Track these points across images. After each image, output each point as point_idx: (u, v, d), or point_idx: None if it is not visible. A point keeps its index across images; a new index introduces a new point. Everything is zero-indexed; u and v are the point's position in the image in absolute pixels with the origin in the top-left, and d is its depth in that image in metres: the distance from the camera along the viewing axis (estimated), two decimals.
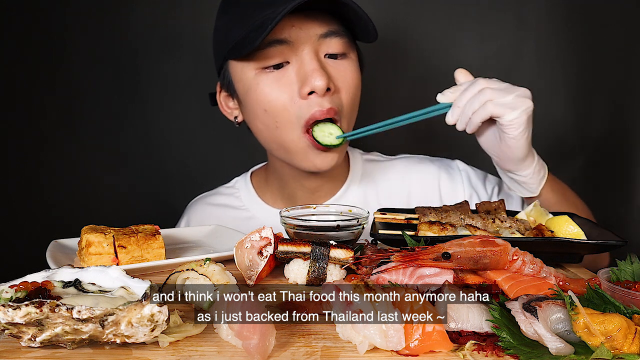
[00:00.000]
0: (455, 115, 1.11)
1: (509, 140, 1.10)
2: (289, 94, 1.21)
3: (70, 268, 0.76)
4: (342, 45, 1.24)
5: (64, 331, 0.64)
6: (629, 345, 0.63)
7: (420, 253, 0.85)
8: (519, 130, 1.08)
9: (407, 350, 0.65)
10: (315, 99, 1.20)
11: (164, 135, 2.01)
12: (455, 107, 1.11)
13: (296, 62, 1.21)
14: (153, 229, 1.04)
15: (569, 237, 1.02)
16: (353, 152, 1.51)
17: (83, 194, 2.01)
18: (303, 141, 1.24)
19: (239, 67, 1.25)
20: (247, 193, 1.52)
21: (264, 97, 1.22)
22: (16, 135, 1.98)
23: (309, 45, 1.20)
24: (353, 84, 1.27)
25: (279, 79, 1.21)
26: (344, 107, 1.25)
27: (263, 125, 1.27)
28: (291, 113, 1.22)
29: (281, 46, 1.19)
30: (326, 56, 1.23)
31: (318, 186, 1.42)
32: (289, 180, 1.42)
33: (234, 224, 1.42)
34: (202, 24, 1.93)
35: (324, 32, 1.21)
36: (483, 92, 1.07)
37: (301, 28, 1.19)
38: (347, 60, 1.26)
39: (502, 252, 0.85)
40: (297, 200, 1.44)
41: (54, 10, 1.92)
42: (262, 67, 1.22)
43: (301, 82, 1.20)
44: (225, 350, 0.67)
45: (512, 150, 1.12)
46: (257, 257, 0.94)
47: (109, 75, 1.97)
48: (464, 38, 1.93)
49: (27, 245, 1.56)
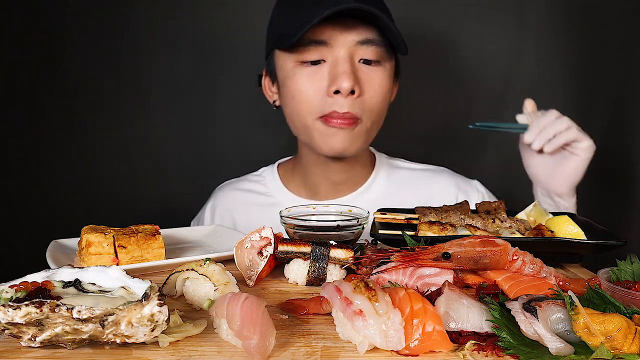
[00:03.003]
0: (532, 135, 1.28)
1: (577, 162, 1.28)
2: (317, 89, 1.32)
3: (70, 268, 0.75)
4: (377, 54, 1.32)
5: (64, 331, 0.64)
6: (629, 345, 0.63)
7: (420, 253, 0.85)
8: (588, 156, 1.28)
9: (407, 350, 0.65)
10: (339, 99, 1.29)
11: (164, 135, 2.01)
12: (534, 128, 1.28)
13: (331, 62, 1.31)
14: (153, 229, 1.04)
15: (569, 237, 1.02)
16: (379, 156, 1.59)
17: (83, 194, 2.01)
18: (317, 124, 1.34)
19: (281, 57, 1.36)
20: (273, 181, 1.59)
21: (296, 87, 1.34)
22: (16, 135, 1.98)
23: (345, 49, 1.30)
24: (380, 91, 1.34)
25: (313, 74, 1.32)
26: (366, 111, 1.33)
27: (290, 109, 1.38)
28: (314, 105, 1.32)
29: (320, 46, 1.30)
30: (361, 61, 1.32)
31: (341, 179, 1.49)
32: (314, 170, 1.49)
33: (259, 209, 1.53)
34: (202, 24, 1.94)
35: (361, 39, 1.30)
36: (562, 119, 1.27)
37: (341, 32, 1.29)
38: (380, 68, 1.34)
39: (502, 252, 0.85)
40: (319, 192, 1.51)
41: (54, 10, 1.92)
42: (300, 60, 1.32)
43: (331, 81, 1.30)
44: (225, 350, 0.67)
45: (574, 173, 1.30)
46: (257, 257, 0.94)
47: (109, 76, 1.97)
48: (464, 38, 1.93)
49: (27, 245, 1.56)
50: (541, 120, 1.28)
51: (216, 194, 1.64)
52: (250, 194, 1.58)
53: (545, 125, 1.27)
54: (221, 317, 0.69)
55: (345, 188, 1.50)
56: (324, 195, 1.50)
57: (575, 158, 1.28)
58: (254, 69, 1.95)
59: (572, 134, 1.25)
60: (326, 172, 1.48)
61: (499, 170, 1.99)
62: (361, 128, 1.34)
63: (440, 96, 1.98)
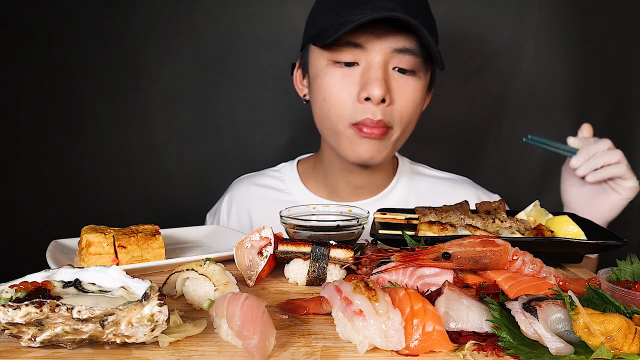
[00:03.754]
0: (581, 160, 1.25)
1: (617, 200, 1.27)
2: (348, 93, 1.29)
3: (70, 268, 0.75)
4: (413, 64, 1.29)
5: (64, 331, 0.64)
6: (629, 345, 0.63)
7: (420, 253, 0.85)
8: (630, 196, 1.27)
9: (407, 350, 0.65)
10: (370, 107, 1.27)
11: (164, 135, 2.01)
12: (583, 153, 1.25)
13: (365, 66, 1.28)
14: (153, 229, 1.04)
15: (569, 237, 1.02)
16: (402, 161, 1.58)
17: (83, 194, 2.01)
18: (349, 131, 1.31)
19: (316, 53, 1.34)
20: (292, 178, 1.57)
21: (327, 87, 1.31)
22: (16, 135, 1.98)
23: (380, 55, 1.27)
24: (411, 101, 1.31)
25: (346, 76, 1.29)
26: (396, 120, 1.31)
27: (319, 110, 1.36)
28: (345, 110, 1.30)
29: (356, 48, 1.27)
30: (395, 69, 1.30)
31: (363, 184, 1.47)
32: (335, 171, 1.47)
33: (276, 205, 1.49)
34: (202, 24, 1.94)
35: (398, 47, 1.27)
36: (615, 152, 1.24)
37: (378, 38, 1.26)
38: (414, 78, 1.32)
39: (502, 252, 0.85)
40: (339, 193, 1.50)
41: (54, 11, 1.92)
42: (334, 60, 1.30)
43: (362, 86, 1.27)
44: (225, 350, 0.67)
45: (611, 209, 1.29)
46: (257, 257, 0.94)
47: (109, 76, 1.97)
48: (463, 38, 1.93)
49: (27, 245, 1.56)
50: (592, 148, 1.25)
51: (233, 187, 1.62)
52: (267, 189, 1.57)
53: (596, 154, 1.24)
54: (221, 317, 0.69)
55: (366, 192, 1.49)
56: (344, 197, 1.48)
57: (616, 195, 1.27)
58: (255, 69, 1.95)
59: (620, 170, 1.23)
60: (348, 176, 1.46)
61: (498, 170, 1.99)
62: (391, 137, 1.32)
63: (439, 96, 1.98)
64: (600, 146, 1.25)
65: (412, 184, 1.53)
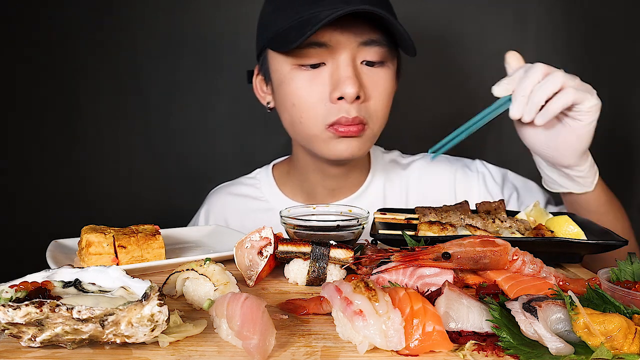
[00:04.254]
0: (520, 106, 1.01)
1: (581, 129, 1.03)
2: (319, 94, 1.24)
3: (70, 268, 0.75)
4: (381, 54, 1.25)
5: (64, 331, 0.64)
6: (629, 345, 0.63)
7: (420, 253, 0.85)
8: (594, 117, 1.02)
9: (407, 350, 0.65)
10: (344, 105, 1.22)
11: (164, 135, 2.01)
12: (518, 97, 1.01)
13: (332, 65, 1.23)
14: (153, 229, 1.04)
15: (569, 237, 1.02)
16: (375, 151, 1.52)
17: (83, 194, 2.01)
18: (325, 134, 1.26)
19: (276, 59, 1.27)
20: (268, 185, 1.53)
21: (295, 92, 1.25)
22: (16, 135, 1.98)
23: (347, 51, 1.21)
24: (385, 93, 1.28)
25: (313, 78, 1.24)
26: (372, 115, 1.27)
27: (290, 116, 1.30)
28: (318, 113, 1.25)
29: (320, 48, 1.21)
30: (363, 62, 1.25)
31: (338, 186, 1.44)
32: (309, 175, 1.44)
33: (253, 214, 1.46)
34: (202, 23, 1.94)
35: (364, 40, 1.22)
36: (553, 76, 0.98)
37: (342, 34, 1.20)
38: (384, 69, 1.27)
39: (502, 252, 0.85)
40: (316, 196, 1.46)
41: (55, 10, 1.92)
42: (299, 64, 1.24)
43: (333, 86, 1.22)
44: (225, 350, 0.67)
45: (580, 140, 1.05)
46: (257, 257, 0.94)
47: (109, 75, 1.97)
48: (463, 38, 1.93)
49: (27, 245, 1.56)
50: (524, 84, 1.00)
51: (210, 198, 1.60)
52: (244, 198, 1.53)
53: (533, 90, 1.00)
54: (221, 317, 0.69)
55: (343, 192, 1.46)
56: (321, 200, 1.46)
57: (578, 124, 1.03)
58: None
59: (569, 96, 0.99)
60: (324, 178, 1.43)
61: None
62: (369, 133, 1.28)
63: (438, 96, 1.98)
64: (533, 78, 1.00)
65: (388, 176, 1.49)
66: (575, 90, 0.99)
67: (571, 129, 1.04)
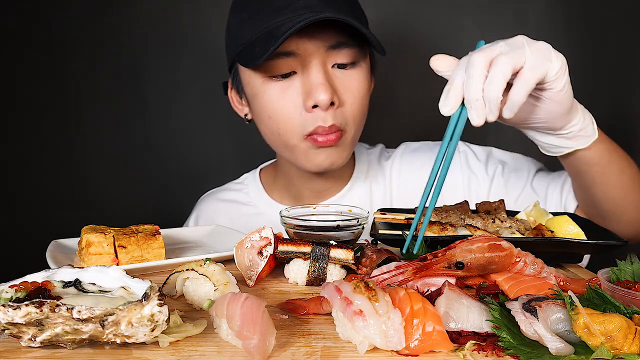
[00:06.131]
0: (479, 112, 0.85)
1: (557, 95, 0.92)
2: (293, 104, 1.22)
3: (70, 268, 0.75)
4: (351, 56, 1.23)
5: (64, 331, 0.64)
6: (629, 345, 0.63)
7: (432, 263, 0.84)
8: (565, 78, 0.91)
9: (407, 350, 0.65)
10: (319, 113, 1.20)
11: (164, 135, 2.01)
12: (472, 103, 0.84)
13: (303, 73, 1.21)
14: (153, 229, 1.04)
15: (569, 237, 1.02)
16: (359, 149, 1.51)
17: (83, 194, 2.01)
18: (304, 144, 1.25)
19: (247, 72, 1.26)
20: (256, 189, 1.53)
21: (269, 105, 1.24)
22: (16, 135, 1.98)
23: (316, 57, 1.20)
24: (360, 95, 1.26)
25: (285, 88, 1.22)
26: (349, 120, 1.25)
27: (267, 128, 1.30)
28: (295, 123, 1.23)
29: (289, 58, 1.19)
30: (334, 66, 1.23)
31: (323, 188, 1.44)
32: (295, 180, 1.44)
33: (242, 220, 1.45)
34: (203, 23, 1.94)
35: (332, 44, 1.20)
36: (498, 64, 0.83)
37: (309, 40, 1.18)
38: (357, 69, 1.25)
39: (509, 256, 0.85)
40: (303, 199, 1.46)
41: (55, 10, 1.92)
42: (269, 75, 1.22)
43: (306, 94, 1.20)
44: (225, 350, 0.67)
45: (562, 104, 0.94)
46: (257, 257, 0.94)
47: (109, 75, 1.97)
48: (463, 37, 1.93)
49: (27, 245, 1.56)
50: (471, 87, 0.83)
51: (199, 205, 1.60)
52: (232, 204, 1.53)
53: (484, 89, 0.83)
54: (221, 317, 0.69)
55: (328, 196, 1.46)
56: (308, 202, 1.45)
57: (552, 92, 0.91)
58: None
59: (528, 81, 0.84)
60: (308, 183, 1.42)
61: None
62: (346, 139, 1.27)
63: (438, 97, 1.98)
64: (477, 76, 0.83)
65: (371, 172, 1.48)
66: (530, 69, 0.84)
67: (548, 100, 0.93)
